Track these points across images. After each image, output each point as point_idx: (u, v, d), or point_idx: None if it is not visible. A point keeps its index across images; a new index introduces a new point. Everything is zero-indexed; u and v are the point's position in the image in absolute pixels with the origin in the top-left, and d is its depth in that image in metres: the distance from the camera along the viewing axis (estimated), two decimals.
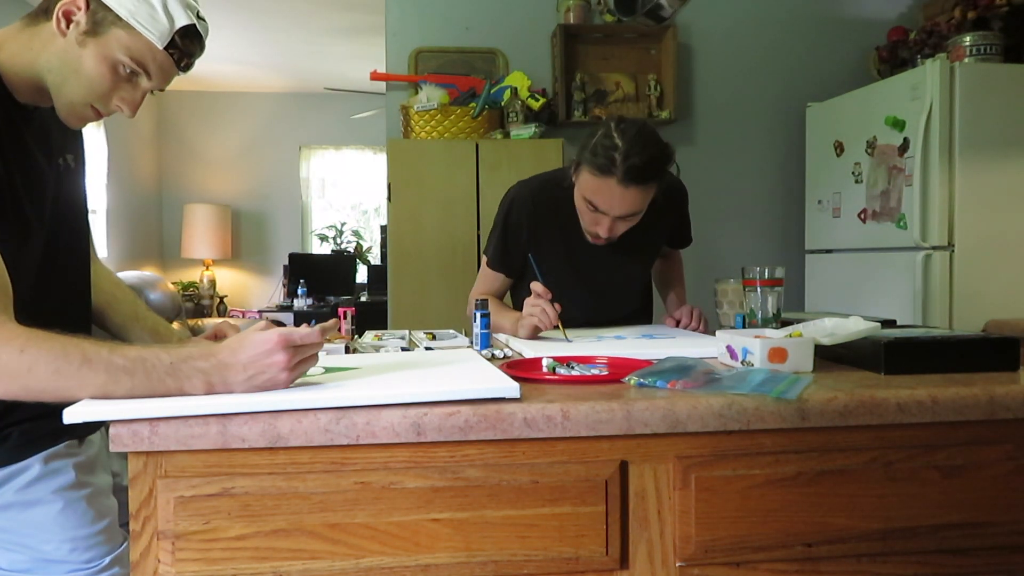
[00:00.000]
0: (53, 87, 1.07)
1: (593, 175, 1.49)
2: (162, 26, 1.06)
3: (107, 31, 1.04)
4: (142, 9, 1.04)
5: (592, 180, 1.50)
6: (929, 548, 0.96)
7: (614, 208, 1.51)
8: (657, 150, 1.49)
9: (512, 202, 1.75)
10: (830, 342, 1.11)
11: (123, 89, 1.09)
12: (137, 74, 1.08)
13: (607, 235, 1.57)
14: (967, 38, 2.80)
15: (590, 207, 1.54)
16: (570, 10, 3.34)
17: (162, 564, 0.84)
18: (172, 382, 0.87)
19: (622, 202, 1.50)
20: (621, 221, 1.55)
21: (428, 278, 2.99)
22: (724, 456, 0.92)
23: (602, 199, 1.51)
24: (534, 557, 0.88)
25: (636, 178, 1.45)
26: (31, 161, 1.10)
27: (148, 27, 1.05)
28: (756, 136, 3.58)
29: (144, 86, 1.09)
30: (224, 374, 0.88)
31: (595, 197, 1.52)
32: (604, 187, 1.48)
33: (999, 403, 0.94)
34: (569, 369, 1.07)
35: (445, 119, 3.06)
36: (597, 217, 1.55)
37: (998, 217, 2.68)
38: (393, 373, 1.02)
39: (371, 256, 6.22)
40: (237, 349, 0.89)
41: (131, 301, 1.36)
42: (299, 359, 0.90)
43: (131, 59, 1.06)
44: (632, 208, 1.52)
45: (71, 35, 1.04)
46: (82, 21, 1.04)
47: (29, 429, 1.08)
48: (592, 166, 1.48)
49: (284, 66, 5.33)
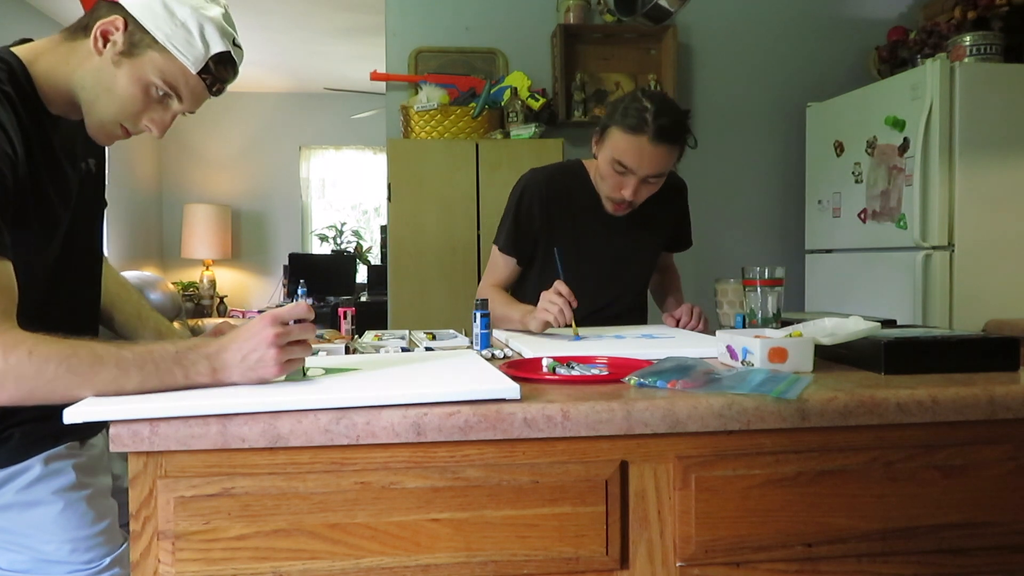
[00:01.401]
0: (85, 104, 1.09)
1: (624, 134, 1.58)
2: (197, 52, 1.07)
3: (143, 53, 1.06)
4: (179, 34, 1.06)
5: (623, 139, 1.59)
6: (929, 548, 0.96)
7: (643, 167, 1.60)
8: (682, 114, 1.62)
9: (525, 187, 1.81)
10: (830, 342, 1.11)
11: (153, 110, 1.11)
12: (169, 96, 1.10)
13: (632, 197, 1.65)
14: (967, 38, 2.80)
15: (618, 167, 1.62)
16: (570, 10, 3.34)
17: (162, 564, 0.84)
18: (179, 371, 0.89)
19: (652, 160, 1.59)
20: (645, 185, 1.64)
21: (428, 278, 2.99)
22: (724, 456, 0.92)
23: (632, 157, 1.59)
24: (534, 557, 0.89)
25: (666, 136, 1.56)
26: (59, 167, 1.11)
27: (183, 52, 1.07)
28: (756, 136, 3.58)
29: (175, 108, 1.12)
30: (223, 356, 0.91)
31: (625, 156, 1.60)
32: (635, 145, 1.57)
33: (999, 403, 0.94)
34: (569, 369, 1.07)
35: (445, 119, 3.06)
36: (624, 180, 1.64)
37: (998, 217, 2.68)
38: (393, 374, 1.02)
39: (371, 256, 6.22)
40: (235, 334, 0.93)
41: (135, 301, 1.37)
42: (289, 339, 0.92)
43: (164, 82, 1.08)
44: (659, 167, 1.61)
45: (107, 54, 1.06)
46: (119, 41, 1.06)
47: (31, 430, 1.08)
48: (624, 126, 1.58)
49: (284, 66, 5.33)
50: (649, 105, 1.57)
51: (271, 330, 0.91)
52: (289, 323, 0.93)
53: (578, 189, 1.79)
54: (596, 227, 1.78)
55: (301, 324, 0.94)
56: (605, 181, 1.69)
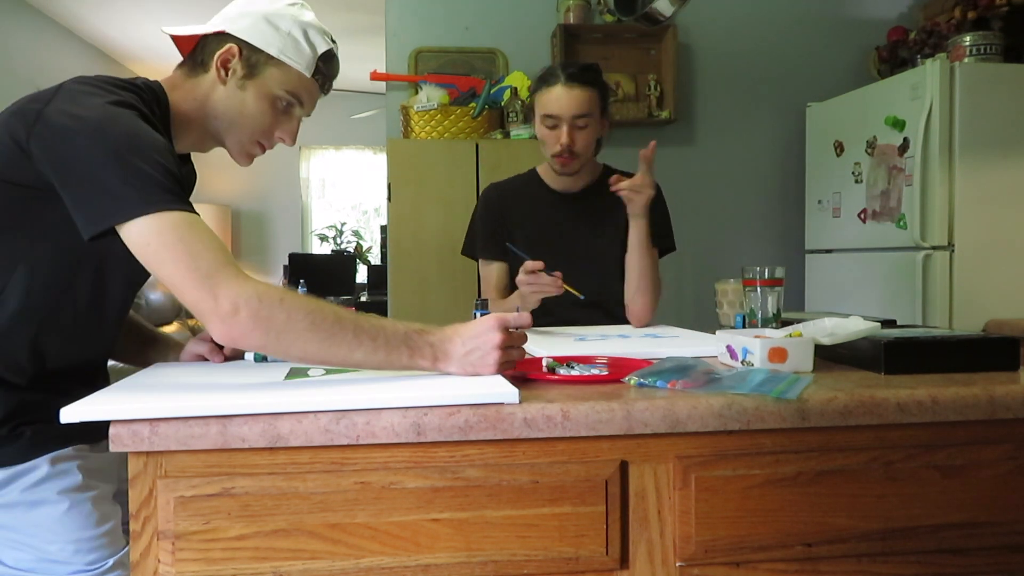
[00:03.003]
0: (223, 132, 1.17)
1: (543, 91, 1.78)
2: (307, 56, 1.15)
3: (263, 71, 1.14)
4: (289, 44, 1.14)
5: (543, 96, 1.78)
6: (929, 548, 0.96)
7: (565, 109, 1.75)
8: (590, 63, 1.81)
9: (482, 197, 2.01)
10: (830, 342, 1.11)
11: (283, 122, 1.19)
12: (292, 105, 1.18)
13: (567, 141, 1.76)
14: (967, 38, 2.80)
15: (548, 122, 1.78)
16: (570, 10, 3.34)
17: (162, 564, 0.84)
18: (406, 351, 0.94)
19: (570, 102, 1.75)
20: (577, 130, 1.77)
21: (428, 278, 2.99)
22: (724, 456, 0.92)
23: (554, 104, 1.76)
24: (534, 557, 0.89)
25: (576, 78, 1.75)
26: None
27: (296, 60, 1.14)
28: (756, 136, 3.58)
29: (298, 114, 1.20)
30: (446, 346, 0.96)
31: (548, 106, 1.77)
32: (553, 95, 1.76)
33: (999, 403, 0.94)
34: (569, 369, 1.07)
35: (445, 119, 3.05)
36: (556, 133, 1.78)
37: (998, 217, 2.68)
38: (393, 376, 1.02)
39: (371, 256, 6.23)
40: (459, 327, 0.99)
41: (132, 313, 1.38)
42: (511, 344, 0.98)
43: (287, 92, 1.16)
44: (580, 108, 1.75)
45: (231, 82, 1.14)
46: (238, 67, 1.13)
47: (42, 430, 1.08)
48: (541, 84, 1.79)
49: None
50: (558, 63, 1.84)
51: (499, 335, 0.96)
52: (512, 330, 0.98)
53: (532, 188, 1.93)
54: (554, 219, 1.90)
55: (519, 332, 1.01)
56: (545, 144, 1.82)
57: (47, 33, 4.62)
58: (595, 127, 1.80)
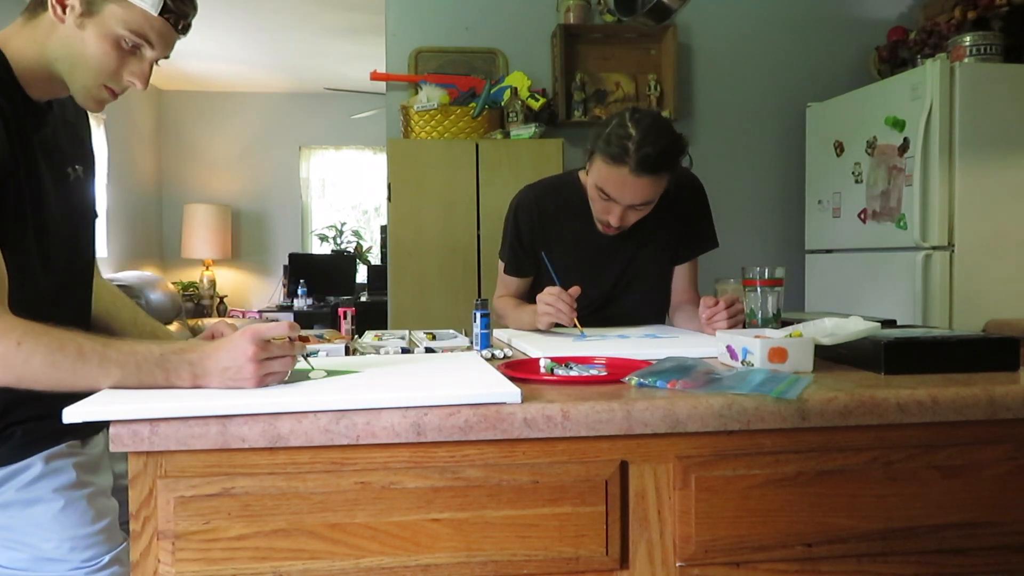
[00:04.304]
0: (65, 75, 1.09)
1: (606, 164, 1.53)
2: None
3: (102, 9, 1.05)
4: None
5: (605, 169, 1.54)
6: (929, 548, 0.96)
7: (625, 197, 1.55)
8: (670, 140, 1.52)
9: (518, 207, 1.81)
10: (830, 342, 1.11)
11: (130, 63, 1.10)
12: (140, 46, 1.09)
13: (618, 224, 1.61)
14: (967, 38, 2.80)
15: (602, 196, 1.58)
16: (570, 10, 3.34)
17: (162, 564, 0.84)
18: (160, 373, 0.92)
19: (634, 191, 1.54)
20: (632, 210, 1.59)
21: (428, 278, 2.99)
22: (724, 456, 0.92)
23: (614, 188, 1.55)
24: (534, 557, 0.89)
25: (648, 168, 1.49)
26: (34, 164, 1.10)
27: None
28: (756, 136, 3.58)
29: (149, 56, 1.11)
30: (205, 363, 0.93)
31: (607, 186, 1.55)
32: (617, 176, 1.52)
33: (999, 403, 0.94)
34: (567, 370, 1.07)
35: (445, 119, 3.06)
36: (609, 206, 1.59)
37: (998, 217, 2.68)
38: (394, 376, 1.02)
39: (371, 256, 6.22)
40: (221, 342, 0.95)
41: (130, 308, 1.38)
42: (267, 355, 0.94)
43: (131, 32, 1.07)
44: (643, 197, 1.56)
45: (69, 20, 1.06)
46: (76, 4, 1.05)
47: (32, 429, 1.08)
48: (606, 155, 1.52)
49: (284, 66, 5.33)
50: (633, 132, 1.49)
51: (251, 347, 0.93)
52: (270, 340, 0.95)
53: (572, 202, 1.76)
54: (593, 237, 1.74)
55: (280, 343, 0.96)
56: (593, 203, 1.66)
57: None
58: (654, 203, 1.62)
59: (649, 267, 1.81)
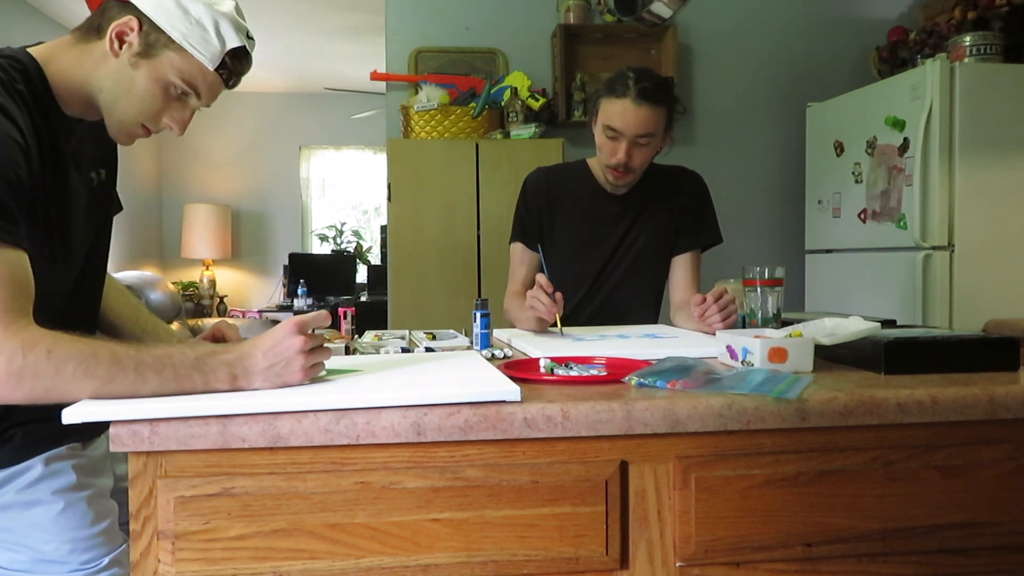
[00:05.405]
0: (105, 106, 1.08)
1: (610, 100, 1.71)
2: (214, 48, 1.06)
3: (160, 53, 1.05)
4: (195, 32, 1.05)
5: (610, 105, 1.71)
6: (929, 548, 0.96)
7: (629, 127, 1.69)
8: (663, 79, 1.75)
9: (527, 179, 1.96)
10: (830, 342, 1.11)
11: (173, 108, 1.11)
12: (188, 94, 1.09)
13: (625, 158, 1.73)
14: (967, 38, 2.80)
15: (609, 132, 1.72)
16: (570, 10, 3.34)
17: (162, 564, 0.84)
18: (199, 377, 0.89)
19: (636, 120, 1.69)
20: (637, 148, 1.73)
21: (428, 278, 2.99)
22: (724, 456, 0.92)
23: (619, 119, 1.70)
24: (534, 557, 0.88)
25: (648, 96, 1.68)
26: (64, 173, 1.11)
27: (200, 50, 1.06)
28: (756, 136, 3.58)
29: (193, 105, 1.11)
30: (246, 363, 0.91)
31: (613, 119, 1.70)
32: (620, 107, 1.69)
33: (999, 403, 0.94)
34: (567, 370, 1.07)
35: (445, 119, 3.06)
36: (616, 145, 1.73)
37: (998, 217, 2.68)
38: (395, 376, 1.02)
39: (371, 256, 6.22)
40: (257, 340, 0.93)
41: (133, 304, 1.38)
42: (313, 345, 0.93)
43: (183, 80, 1.07)
44: (646, 127, 1.70)
45: (123, 56, 1.05)
46: (135, 43, 1.04)
47: (33, 431, 1.08)
48: (609, 93, 1.72)
49: (284, 66, 5.33)
50: (631, 73, 1.71)
51: (298, 338, 0.91)
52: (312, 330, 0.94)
53: (579, 180, 1.90)
54: (597, 213, 1.87)
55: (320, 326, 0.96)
56: (601, 151, 1.78)
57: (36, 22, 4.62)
58: (656, 144, 1.77)
59: (643, 253, 1.89)
